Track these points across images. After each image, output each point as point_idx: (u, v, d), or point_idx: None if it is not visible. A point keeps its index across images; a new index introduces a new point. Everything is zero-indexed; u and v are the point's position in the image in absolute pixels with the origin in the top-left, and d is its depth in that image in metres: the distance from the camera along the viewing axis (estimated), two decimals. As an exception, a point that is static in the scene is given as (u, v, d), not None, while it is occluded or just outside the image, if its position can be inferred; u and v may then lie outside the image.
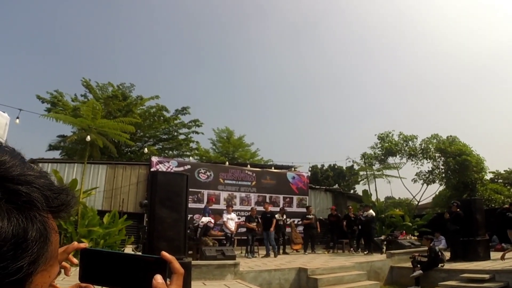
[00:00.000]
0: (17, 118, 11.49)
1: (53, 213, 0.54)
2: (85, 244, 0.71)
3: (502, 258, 7.94)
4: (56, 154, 22.19)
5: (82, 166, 11.91)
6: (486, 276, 7.57)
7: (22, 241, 0.47)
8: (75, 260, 0.73)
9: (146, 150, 18.42)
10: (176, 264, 0.68)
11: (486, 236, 10.60)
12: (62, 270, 0.75)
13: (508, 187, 23.14)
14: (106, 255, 0.69)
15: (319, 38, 78.35)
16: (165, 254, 0.68)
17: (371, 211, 13.19)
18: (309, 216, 13.66)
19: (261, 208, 13.58)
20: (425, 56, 71.02)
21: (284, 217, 13.44)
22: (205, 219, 11.20)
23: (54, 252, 0.55)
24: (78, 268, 0.70)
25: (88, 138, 10.75)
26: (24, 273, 0.47)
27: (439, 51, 69.33)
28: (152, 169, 14.17)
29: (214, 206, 12.99)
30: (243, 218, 13.66)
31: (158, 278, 0.65)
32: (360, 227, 13.28)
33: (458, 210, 11.03)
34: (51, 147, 22.09)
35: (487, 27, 68.23)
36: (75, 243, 0.73)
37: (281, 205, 15.88)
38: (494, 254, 10.05)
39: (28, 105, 27.37)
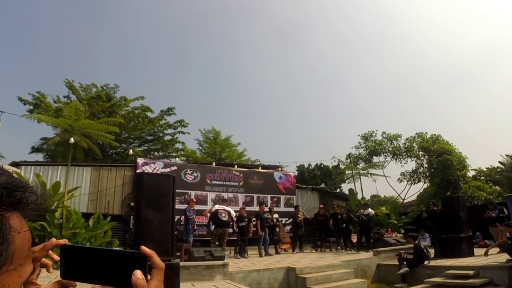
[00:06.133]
0: (-2, 120, 11.21)
1: (10, 211, 0.53)
2: (64, 241, 0.70)
3: (486, 254, 8.11)
4: (39, 157, 21.79)
5: (66, 168, 11.67)
6: (471, 272, 7.69)
7: None
8: (56, 257, 0.72)
9: (131, 151, 18.12)
10: (156, 259, 0.67)
11: (470, 233, 10.75)
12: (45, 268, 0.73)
13: (490, 184, 23.66)
14: (86, 251, 0.69)
15: (304, 40, 78.88)
16: (144, 249, 0.67)
17: (371, 210, 13.48)
18: (299, 215, 13.80)
19: (249, 208, 13.57)
20: (408, 57, 72.24)
21: (276, 216, 13.60)
22: (217, 207, 11.11)
23: (21, 251, 0.54)
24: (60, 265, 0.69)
25: (72, 140, 10.53)
26: None
27: (421, 52, 70.50)
28: (137, 171, 14.00)
29: (201, 207, 12.89)
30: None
31: (138, 274, 0.64)
32: (358, 225, 13.47)
33: (435, 208, 11.23)
34: (34, 150, 21.65)
35: (466, 29, 69.84)
36: (53, 239, 0.71)
37: (269, 205, 15.90)
38: (477, 251, 10.20)
39: (10, 107, 26.73)
